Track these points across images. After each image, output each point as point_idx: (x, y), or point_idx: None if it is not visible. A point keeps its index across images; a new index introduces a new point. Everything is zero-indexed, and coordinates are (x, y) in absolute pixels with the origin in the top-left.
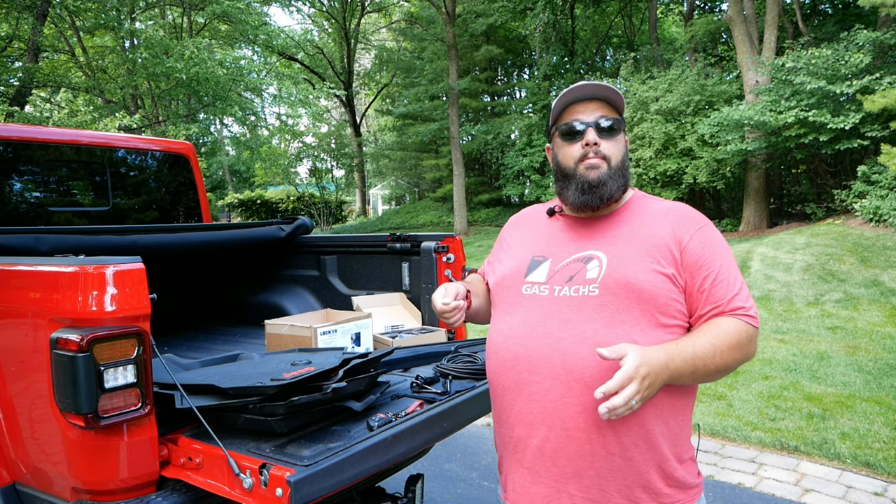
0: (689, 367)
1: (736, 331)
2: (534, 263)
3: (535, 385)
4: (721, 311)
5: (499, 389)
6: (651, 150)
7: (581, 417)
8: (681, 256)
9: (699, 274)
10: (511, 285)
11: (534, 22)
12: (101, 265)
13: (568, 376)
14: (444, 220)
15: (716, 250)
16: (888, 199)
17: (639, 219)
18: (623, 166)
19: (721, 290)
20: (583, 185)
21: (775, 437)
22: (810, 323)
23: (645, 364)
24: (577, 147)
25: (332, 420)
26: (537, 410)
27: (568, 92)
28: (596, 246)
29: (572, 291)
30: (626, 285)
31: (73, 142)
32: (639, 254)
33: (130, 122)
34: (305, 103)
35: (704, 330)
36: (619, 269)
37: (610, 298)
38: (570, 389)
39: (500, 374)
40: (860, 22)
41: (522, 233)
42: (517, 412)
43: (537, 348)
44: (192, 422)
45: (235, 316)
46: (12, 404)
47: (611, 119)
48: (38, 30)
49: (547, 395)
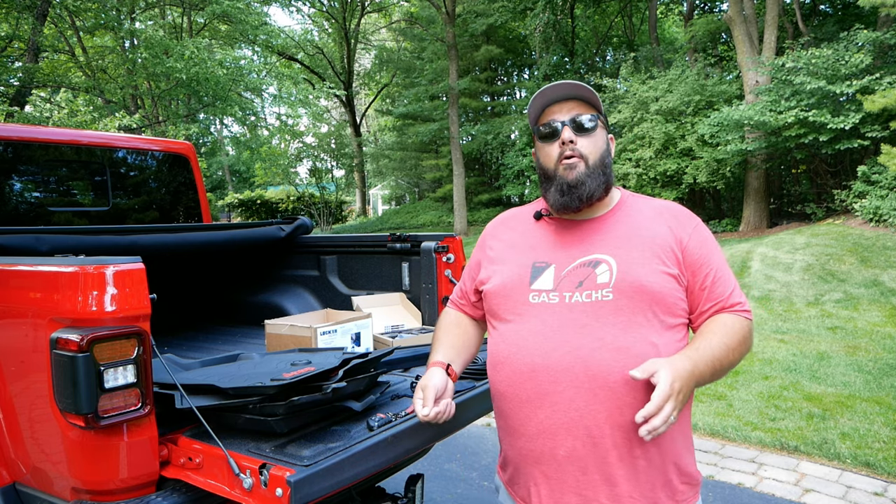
0: (710, 370)
1: (741, 327)
2: (536, 270)
3: (556, 395)
4: (722, 307)
5: (514, 402)
6: (651, 150)
7: (607, 424)
8: (682, 256)
9: (701, 272)
10: (514, 294)
11: (534, 22)
12: (101, 265)
13: (592, 383)
14: (444, 220)
15: (712, 248)
16: (888, 199)
17: (635, 220)
18: (603, 164)
19: (721, 286)
20: (562, 187)
21: (775, 437)
22: (810, 323)
23: (678, 378)
24: (555, 147)
25: (332, 420)
26: (561, 420)
27: (542, 94)
28: (600, 249)
29: (584, 297)
30: (640, 288)
31: (73, 142)
32: (645, 256)
33: (130, 121)
34: (305, 103)
35: (714, 330)
36: (630, 272)
37: (625, 302)
38: (595, 396)
39: (516, 385)
40: (860, 22)
41: (510, 238)
42: (538, 423)
43: (557, 358)
44: (192, 422)
45: (235, 316)
46: (12, 404)
47: (586, 116)
48: (38, 30)
49: (571, 404)
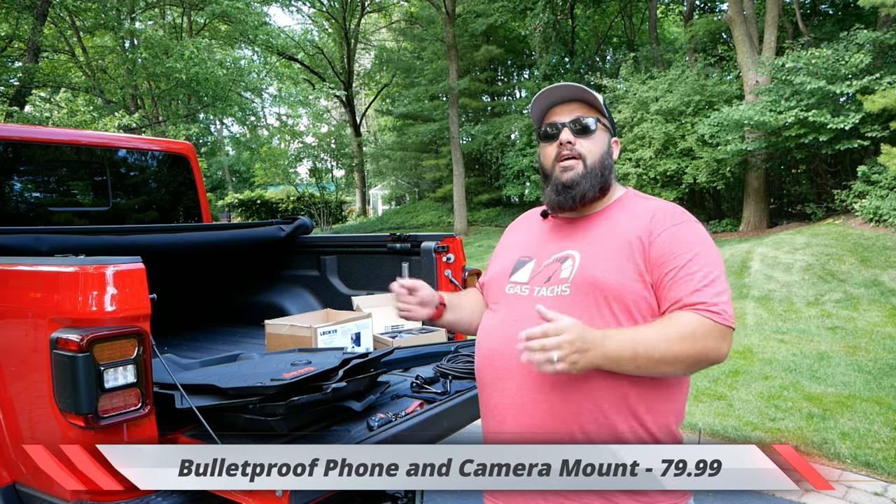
0: (628, 351)
1: (689, 322)
2: (519, 264)
3: (507, 381)
4: (682, 305)
5: (480, 384)
6: (651, 150)
7: (548, 415)
8: (648, 253)
9: (663, 268)
10: (496, 285)
11: (534, 22)
12: (101, 265)
13: (538, 375)
14: (444, 220)
15: (688, 246)
16: (888, 199)
17: (622, 217)
18: (602, 165)
19: (684, 285)
20: (557, 186)
21: (775, 437)
22: (810, 323)
23: (576, 328)
24: (553, 146)
25: (332, 420)
26: (509, 406)
27: (544, 95)
28: (573, 245)
29: (549, 291)
30: (594, 283)
31: (73, 142)
32: (609, 251)
33: (130, 121)
34: (305, 103)
35: (655, 322)
36: (588, 267)
37: (580, 297)
38: (539, 387)
39: (480, 369)
40: (860, 22)
41: (516, 235)
42: (493, 406)
43: (511, 346)
44: (192, 422)
45: (235, 316)
46: (12, 404)
47: (587, 118)
48: (38, 30)
49: (518, 391)
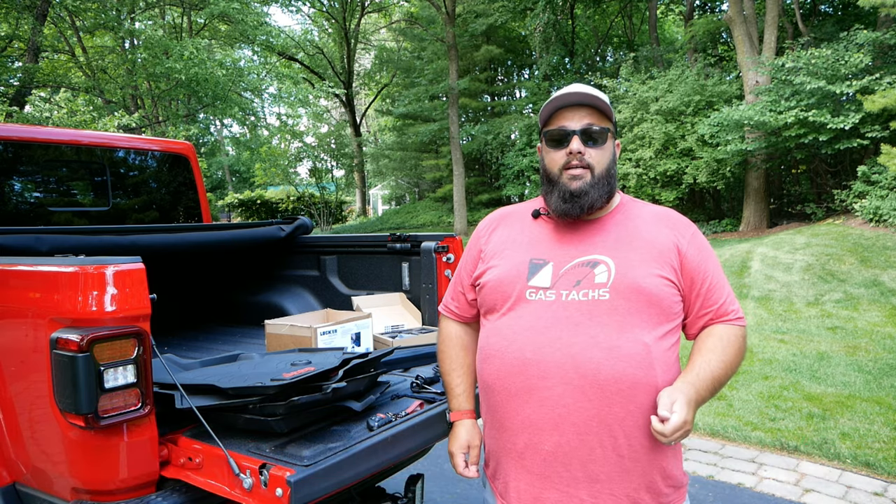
0: (710, 392)
1: (735, 339)
2: (534, 266)
3: (545, 391)
4: (714, 315)
5: (503, 395)
6: (651, 151)
7: (594, 422)
8: (680, 262)
9: (697, 279)
10: (510, 289)
11: (534, 22)
12: (101, 265)
13: (581, 381)
14: (444, 220)
15: (708, 255)
16: (888, 199)
17: (634, 224)
18: (609, 174)
19: (716, 294)
20: (564, 194)
21: (775, 437)
22: (810, 323)
23: (690, 412)
24: (562, 153)
25: (332, 420)
26: (548, 416)
27: (557, 98)
28: (599, 251)
29: (581, 296)
30: (637, 289)
31: (73, 142)
32: (644, 258)
33: (129, 121)
34: (305, 103)
35: (711, 347)
36: (628, 273)
37: (621, 302)
38: (584, 394)
39: (505, 378)
40: (860, 22)
41: (508, 234)
42: (524, 418)
43: (548, 354)
44: (192, 422)
45: (235, 316)
46: (12, 404)
47: (598, 127)
48: (38, 30)
49: (559, 400)
